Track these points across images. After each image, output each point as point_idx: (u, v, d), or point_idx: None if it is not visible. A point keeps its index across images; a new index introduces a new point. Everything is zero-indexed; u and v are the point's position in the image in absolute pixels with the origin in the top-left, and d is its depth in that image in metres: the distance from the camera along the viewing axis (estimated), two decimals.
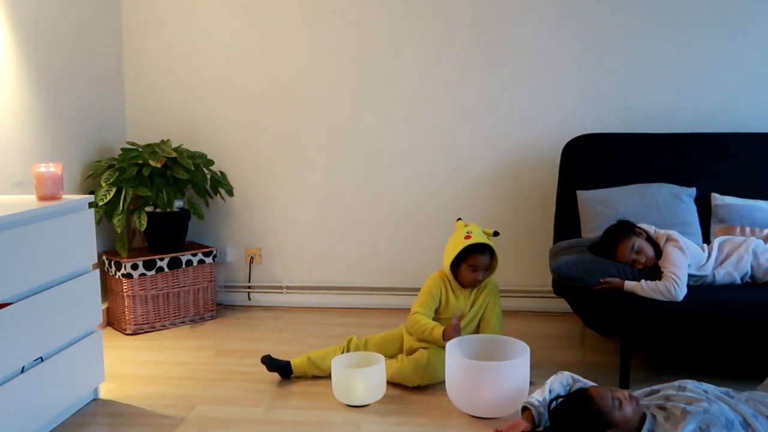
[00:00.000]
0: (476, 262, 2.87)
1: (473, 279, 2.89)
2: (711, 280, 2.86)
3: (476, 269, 2.87)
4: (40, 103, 3.29)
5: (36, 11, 3.25)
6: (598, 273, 2.82)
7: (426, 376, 2.83)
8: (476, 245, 2.85)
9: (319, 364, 2.94)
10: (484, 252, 2.87)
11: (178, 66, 4.00)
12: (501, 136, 3.82)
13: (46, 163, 2.57)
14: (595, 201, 3.32)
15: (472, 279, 2.89)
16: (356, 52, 3.86)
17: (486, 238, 2.89)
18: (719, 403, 2.14)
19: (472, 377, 2.57)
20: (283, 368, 2.94)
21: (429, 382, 2.84)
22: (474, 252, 2.86)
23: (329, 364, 2.85)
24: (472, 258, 2.87)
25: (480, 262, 2.87)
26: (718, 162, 3.40)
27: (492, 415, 2.59)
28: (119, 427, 2.59)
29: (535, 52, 3.73)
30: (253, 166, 4.02)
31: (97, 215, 3.46)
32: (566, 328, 3.64)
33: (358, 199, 3.98)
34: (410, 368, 2.83)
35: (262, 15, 3.90)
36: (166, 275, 3.68)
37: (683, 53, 3.64)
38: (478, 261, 2.87)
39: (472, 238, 2.85)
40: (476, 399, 2.58)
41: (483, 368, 2.56)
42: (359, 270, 4.03)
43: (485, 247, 2.87)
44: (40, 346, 2.41)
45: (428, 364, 2.81)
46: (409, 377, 2.83)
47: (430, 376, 2.83)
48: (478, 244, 2.85)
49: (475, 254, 2.86)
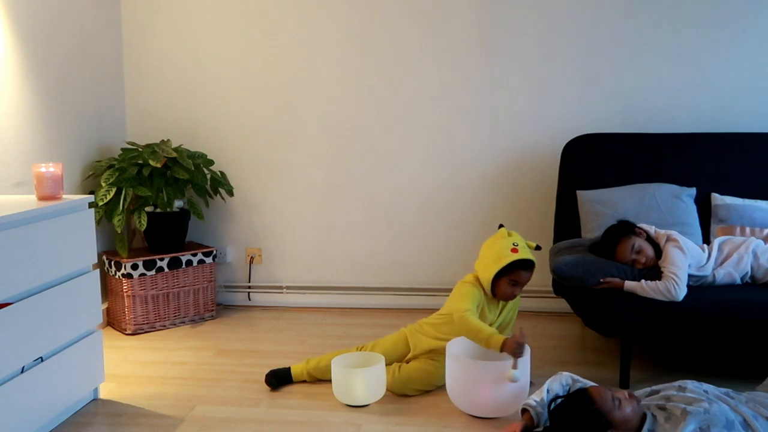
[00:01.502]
0: (519, 278, 2.73)
1: (511, 293, 2.76)
2: (711, 280, 2.86)
3: (516, 284, 2.74)
4: (40, 103, 3.29)
5: (36, 11, 3.25)
6: (598, 273, 2.82)
7: (428, 385, 2.79)
8: (524, 261, 2.71)
9: (320, 377, 2.90)
10: (528, 269, 2.73)
11: (178, 66, 4.00)
12: (501, 136, 3.82)
13: (46, 163, 2.57)
14: (595, 201, 3.32)
15: (510, 293, 2.76)
16: (356, 52, 3.86)
17: (530, 252, 2.74)
18: (719, 403, 2.14)
19: (472, 377, 2.56)
20: (284, 377, 2.91)
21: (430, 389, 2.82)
22: (520, 268, 2.71)
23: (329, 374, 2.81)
24: (516, 273, 2.72)
25: (524, 278, 2.73)
26: (718, 162, 3.40)
27: (492, 415, 2.59)
28: (119, 427, 2.59)
29: (536, 52, 3.73)
30: (253, 166, 4.02)
31: (97, 215, 3.47)
32: (566, 328, 3.64)
33: (358, 199, 3.98)
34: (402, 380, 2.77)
35: (263, 15, 3.90)
36: (166, 275, 3.68)
37: (683, 53, 3.64)
38: (522, 277, 2.73)
39: (519, 253, 2.69)
40: (476, 399, 2.58)
41: (483, 368, 2.56)
42: (359, 270, 4.03)
43: (532, 264, 2.73)
44: (40, 346, 2.41)
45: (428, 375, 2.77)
46: (408, 389, 2.79)
47: (431, 384, 2.80)
48: (526, 260, 2.71)
49: (520, 270, 2.71)
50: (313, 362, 2.93)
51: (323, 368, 2.88)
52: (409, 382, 2.78)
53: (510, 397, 2.55)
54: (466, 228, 3.88)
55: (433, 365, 2.80)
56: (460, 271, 3.10)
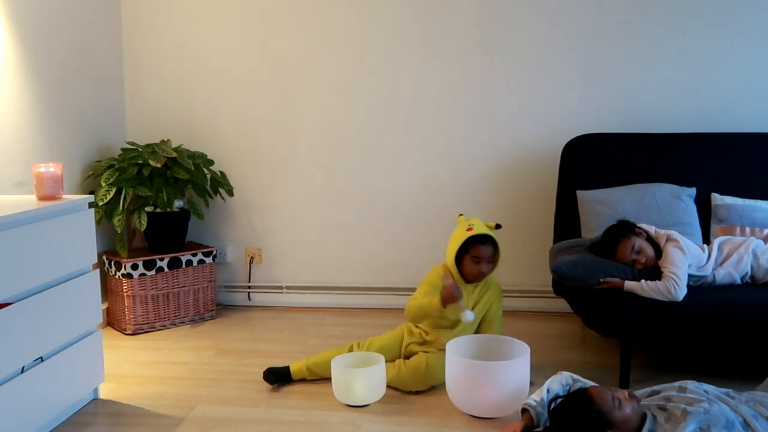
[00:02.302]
0: (479, 253, 2.85)
1: (477, 271, 2.87)
2: (711, 280, 2.86)
3: (480, 261, 2.86)
4: (40, 103, 3.29)
5: (36, 11, 3.25)
6: (598, 273, 2.82)
7: (425, 382, 2.81)
8: (478, 236, 2.84)
9: (320, 373, 2.91)
10: (486, 243, 2.86)
11: (178, 66, 4.00)
12: (501, 136, 3.82)
13: (46, 163, 2.57)
14: (595, 201, 3.32)
15: (476, 271, 2.87)
16: (356, 52, 3.86)
17: (488, 230, 2.88)
18: (720, 403, 2.14)
19: (472, 377, 2.56)
20: (282, 375, 2.92)
21: (427, 387, 2.83)
22: (476, 243, 2.85)
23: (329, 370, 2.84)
24: (474, 249, 2.85)
25: (483, 253, 2.85)
26: (718, 162, 3.40)
27: (492, 415, 2.59)
28: (119, 427, 2.59)
29: (536, 52, 3.73)
30: (253, 166, 4.02)
31: (97, 215, 3.47)
32: (566, 328, 3.64)
33: (358, 199, 3.98)
34: (409, 375, 2.80)
35: (263, 15, 3.90)
36: (166, 275, 3.68)
37: (683, 53, 3.64)
38: (481, 252, 2.85)
39: (474, 230, 2.84)
40: (476, 399, 2.58)
41: (483, 368, 2.56)
42: (359, 270, 4.03)
43: (487, 237, 2.86)
44: (40, 346, 2.41)
45: (427, 371, 2.79)
46: (408, 383, 2.81)
47: (429, 382, 2.81)
48: (479, 235, 2.84)
49: (477, 245, 2.85)
50: (312, 359, 2.94)
51: (322, 363, 2.89)
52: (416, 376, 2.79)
53: (510, 397, 2.55)
54: None
55: (435, 357, 2.82)
56: None
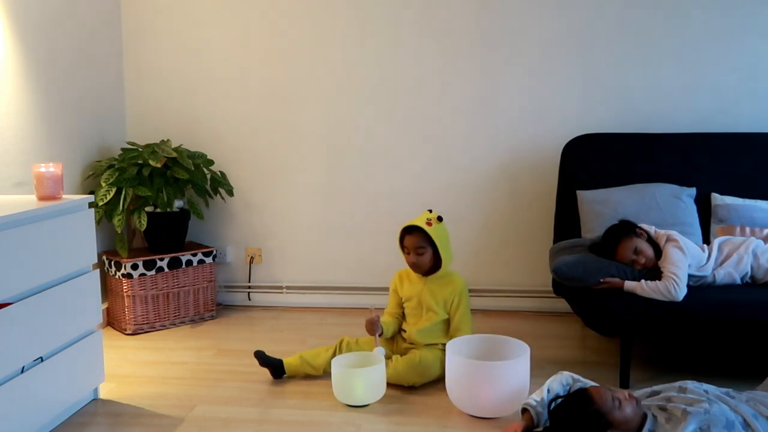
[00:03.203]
0: (406, 243, 2.97)
1: (408, 261, 2.98)
2: (711, 280, 2.86)
3: (409, 251, 2.96)
4: (40, 103, 3.29)
5: (36, 11, 3.25)
6: (598, 273, 2.82)
7: (422, 374, 2.84)
8: (406, 227, 2.98)
9: (312, 362, 2.95)
10: (412, 233, 2.95)
11: (178, 66, 4.00)
12: (501, 136, 3.82)
13: (46, 163, 2.57)
14: (595, 201, 3.32)
15: (409, 261, 2.98)
16: (357, 51, 3.86)
17: (424, 221, 2.95)
18: (720, 403, 2.14)
19: (472, 377, 2.57)
20: (275, 366, 2.95)
21: (425, 380, 2.85)
22: (404, 233, 2.98)
23: (321, 362, 2.93)
24: (404, 240, 2.98)
25: (408, 242, 2.95)
26: (718, 162, 3.40)
27: (492, 415, 2.59)
28: (119, 427, 2.59)
29: (536, 52, 3.73)
30: (253, 166, 4.02)
31: (97, 215, 3.46)
32: (566, 328, 3.64)
33: (358, 199, 3.98)
34: (405, 368, 2.84)
35: (262, 15, 3.90)
36: (166, 275, 3.68)
37: (683, 53, 3.64)
38: (408, 242, 2.96)
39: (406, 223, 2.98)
40: (476, 399, 2.58)
41: (483, 368, 2.56)
42: (359, 270, 4.03)
43: (414, 228, 2.94)
44: (40, 346, 2.41)
45: (420, 363, 2.83)
46: (405, 377, 2.83)
47: (425, 374, 2.84)
48: (407, 225, 2.97)
49: (405, 235, 2.98)
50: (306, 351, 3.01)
51: (313, 353, 2.97)
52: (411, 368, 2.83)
53: (510, 397, 2.55)
54: (466, 228, 3.88)
55: (425, 352, 2.87)
56: (460, 271, 3.10)
